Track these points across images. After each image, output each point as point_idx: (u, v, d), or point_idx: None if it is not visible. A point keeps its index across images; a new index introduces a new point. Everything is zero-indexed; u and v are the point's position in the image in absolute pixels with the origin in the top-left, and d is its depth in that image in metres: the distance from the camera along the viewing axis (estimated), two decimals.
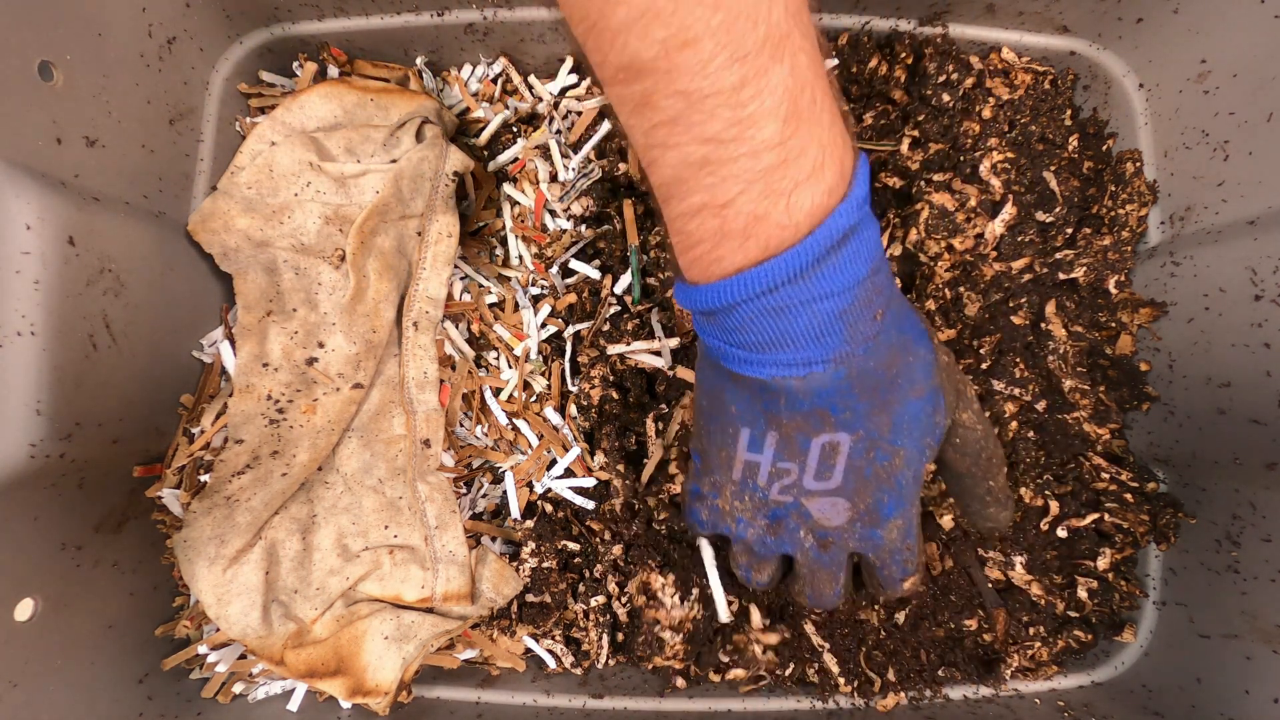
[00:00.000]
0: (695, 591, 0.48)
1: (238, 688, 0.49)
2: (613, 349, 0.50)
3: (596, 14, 0.24)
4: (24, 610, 0.39)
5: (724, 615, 0.45)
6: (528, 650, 0.50)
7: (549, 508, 0.51)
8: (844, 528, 0.36)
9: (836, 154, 0.28)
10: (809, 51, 0.26)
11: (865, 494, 0.35)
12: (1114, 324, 0.50)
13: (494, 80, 0.55)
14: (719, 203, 0.28)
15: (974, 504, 0.39)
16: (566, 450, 0.51)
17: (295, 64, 0.54)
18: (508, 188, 0.54)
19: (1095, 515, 0.49)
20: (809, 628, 0.48)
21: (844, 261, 0.29)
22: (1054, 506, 0.49)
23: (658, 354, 0.50)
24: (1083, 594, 0.49)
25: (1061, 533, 0.49)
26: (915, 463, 0.35)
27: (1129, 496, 0.49)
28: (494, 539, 0.51)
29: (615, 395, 0.50)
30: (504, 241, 0.54)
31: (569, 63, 0.54)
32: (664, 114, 0.26)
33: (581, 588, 0.49)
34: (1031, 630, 0.49)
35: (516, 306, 0.53)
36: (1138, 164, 0.50)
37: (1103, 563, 0.49)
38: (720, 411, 0.36)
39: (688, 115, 0.26)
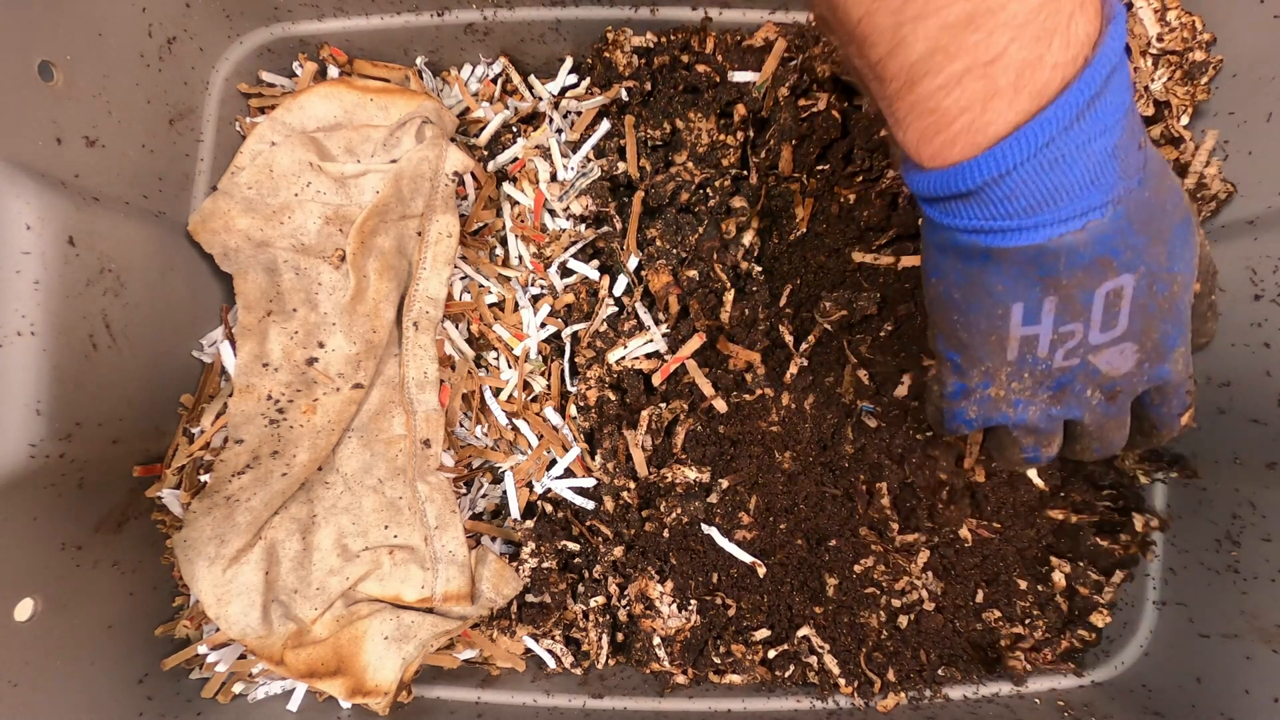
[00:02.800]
0: (693, 602, 0.48)
1: (238, 688, 0.49)
2: (611, 355, 0.50)
3: None
4: (24, 610, 0.40)
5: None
6: (528, 650, 0.50)
7: (549, 508, 0.51)
8: (1132, 372, 0.35)
9: None
10: None
11: (1152, 331, 0.34)
12: None
13: (494, 80, 0.55)
14: (985, 60, 0.27)
15: (1195, 322, 0.38)
16: (566, 450, 0.51)
17: (295, 64, 0.54)
18: (507, 187, 0.54)
19: (1095, 515, 0.49)
20: (809, 629, 0.48)
21: (1113, 90, 0.27)
22: (1055, 505, 0.49)
23: (652, 343, 0.50)
24: (1083, 593, 0.49)
25: (1062, 531, 0.49)
26: (1189, 285, 0.35)
27: (1130, 496, 0.49)
28: (494, 539, 0.51)
29: (612, 396, 0.50)
30: (504, 241, 0.54)
31: (569, 62, 0.54)
32: None
33: (581, 588, 0.49)
34: (1032, 630, 0.49)
35: (516, 306, 0.53)
36: None
37: (1103, 563, 0.49)
38: (980, 297, 0.34)
39: None
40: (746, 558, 0.48)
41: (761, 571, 0.48)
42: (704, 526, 0.48)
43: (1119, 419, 0.37)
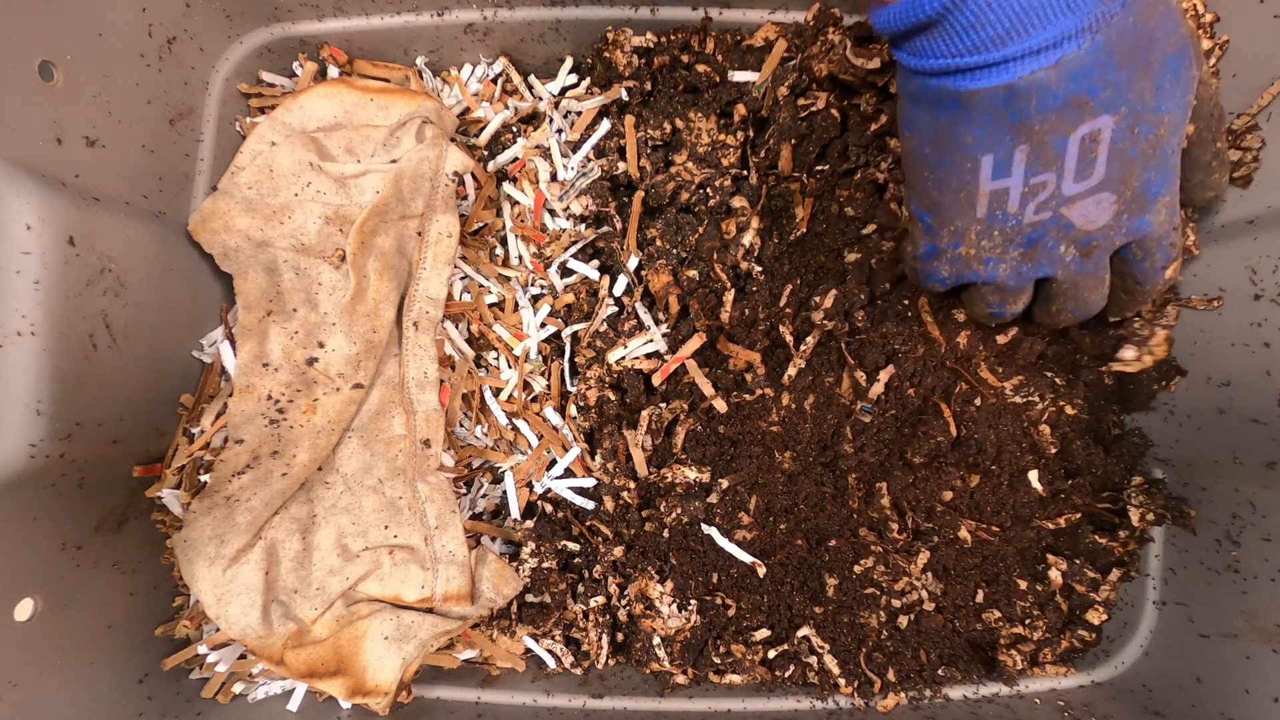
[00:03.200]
0: (693, 602, 0.48)
1: (238, 688, 0.49)
2: (611, 355, 0.50)
3: None
4: (24, 610, 0.40)
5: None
6: (528, 650, 0.50)
7: (549, 508, 0.51)
8: (1109, 225, 0.33)
9: None
10: None
11: (1131, 179, 0.32)
12: None
13: (494, 80, 0.55)
14: None
15: (1198, 174, 0.37)
16: (566, 450, 0.51)
17: (295, 64, 0.54)
18: (507, 187, 0.54)
19: (1096, 514, 0.49)
20: (809, 629, 0.48)
21: None
22: (1057, 504, 0.49)
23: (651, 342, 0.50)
24: (1079, 590, 0.49)
25: (1061, 529, 0.49)
26: (1179, 126, 0.32)
27: (1130, 496, 0.49)
28: (494, 539, 0.51)
29: (612, 396, 0.50)
30: (504, 241, 0.54)
31: (569, 62, 0.54)
32: None
33: (581, 588, 0.49)
34: (1032, 630, 0.49)
35: (516, 306, 0.53)
36: None
37: (1103, 562, 0.49)
38: (951, 149, 0.32)
39: None
40: (746, 558, 0.48)
41: (761, 571, 0.48)
42: (704, 526, 0.48)
43: (1095, 276, 0.35)
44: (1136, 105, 0.30)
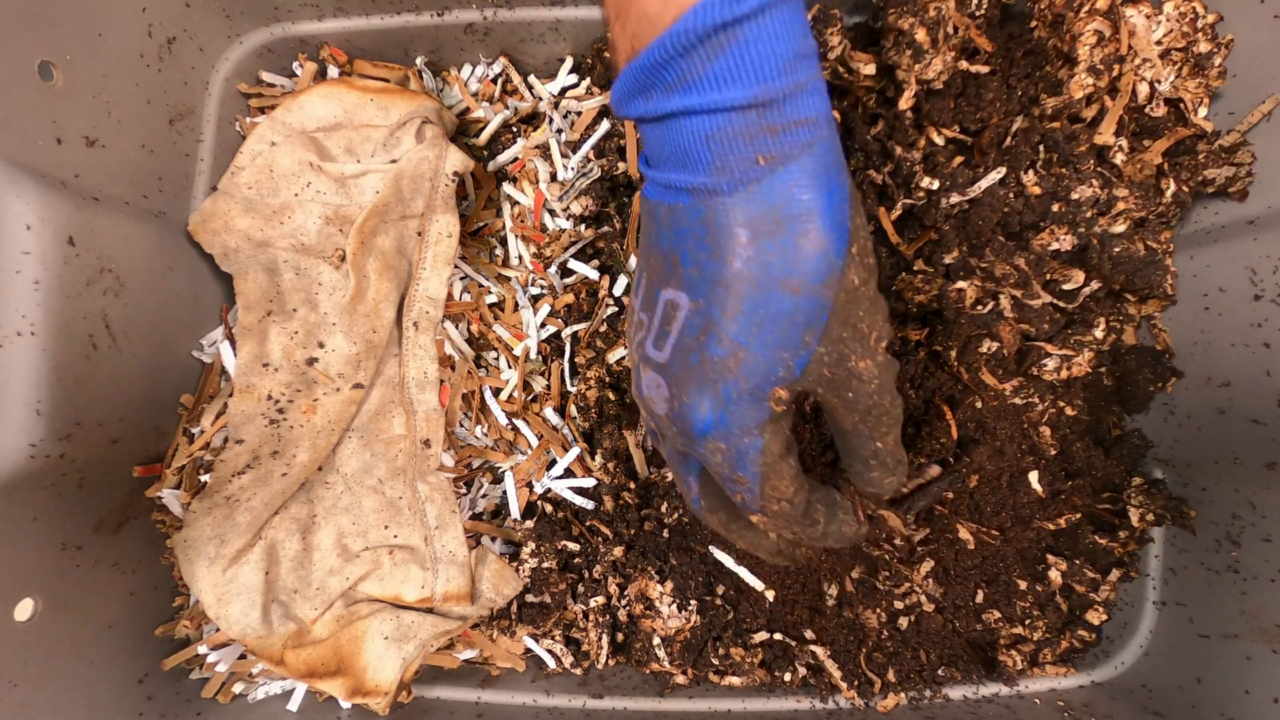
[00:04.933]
0: (693, 602, 0.48)
1: (238, 688, 0.49)
2: (611, 355, 0.50)
3: None
4: (24, 610, 0.40)
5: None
6: (528, 650, 0.50)
7: (549, 508, 0.51)
8: (665, 419, 0.31)
9: None
10: None
11: (684, 386, 0.29)
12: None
13: (494, 80, 0.55)
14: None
15: (856, 464, 0.34)
16: (566, 450, 0.51)
17: (295, 64, 0.54)
18: (507, 187, 0.54)
19: (1096, 514, 0.49)
20: (809, 631, 0.48)
21: (716, 74, 0.25)
22: (1057, 505, 0.49)
23: None
24: (1079, 590, 0.49)
25: (1061, 530, 0.49)
26: (755, 377, 0.28)
27: (1130, 496, 0.49)
28: (494, 539, 0.51)
29: (612, 396, 0.50)
30: (504, 241, 0.54)
31: (569, 63, 0.54)
32: None
33: (581, 588, 0.49)
34: (1032, 631, 0.49)
35: (516, 306, 0.53)
36: None
37: (1103, 562, 0.49)
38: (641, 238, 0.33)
39: None
40: (758, 584, 0.48)
41: (771, 596, 0.48)
42: (712, 550, 0.48)
43: (673, 462, 0.34)
44: (714, 311, 0.28)
